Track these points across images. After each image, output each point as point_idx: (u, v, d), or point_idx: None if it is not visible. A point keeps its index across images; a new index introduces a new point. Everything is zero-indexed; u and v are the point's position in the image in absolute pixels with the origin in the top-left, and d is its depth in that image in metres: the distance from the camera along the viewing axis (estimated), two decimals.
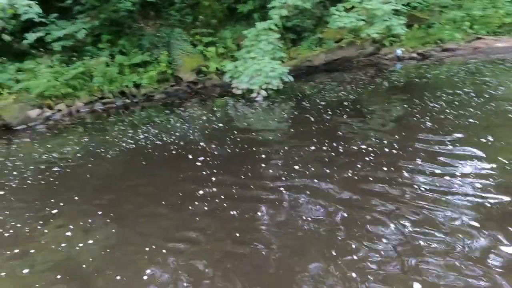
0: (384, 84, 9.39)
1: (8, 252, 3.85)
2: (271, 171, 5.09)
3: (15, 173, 6.10)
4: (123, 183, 5.39)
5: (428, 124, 6.03)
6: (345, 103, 7.92)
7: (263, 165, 5.29)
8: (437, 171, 4.42)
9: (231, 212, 4.11)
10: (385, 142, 5.49)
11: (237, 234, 3.73)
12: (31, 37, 9.68)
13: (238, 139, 6.51)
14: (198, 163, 5.58)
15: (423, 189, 4.09)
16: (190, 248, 3.59)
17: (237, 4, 12.26)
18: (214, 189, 4.64)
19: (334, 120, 6.92)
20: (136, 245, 3.74)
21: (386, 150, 5.21)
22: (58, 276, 3.39)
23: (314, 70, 11.45)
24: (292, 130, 7.00)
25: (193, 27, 11.97)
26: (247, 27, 10.68)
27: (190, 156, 5.89)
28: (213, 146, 6.27)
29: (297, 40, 12.14)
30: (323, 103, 8.18)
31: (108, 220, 4.30)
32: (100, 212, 4.47)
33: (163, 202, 4.51)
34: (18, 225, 4.41)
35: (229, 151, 6.01)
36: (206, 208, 4.25)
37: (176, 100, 10.39)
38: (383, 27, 9.57)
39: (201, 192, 4.62)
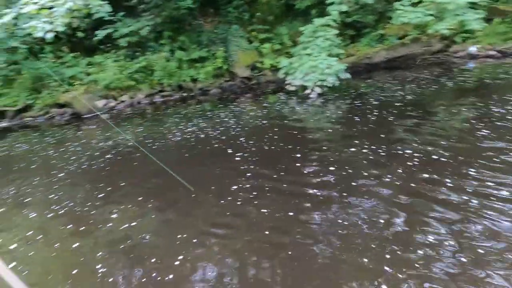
0: (449, 84, 8.53)
1: (62, 227, 4.25)
2: (315, 169, 4.90)
3: (74, 157, 6.70)
4: (166, 172, 5.58)
5: (490, 130, 5.35)
6: (403, 104, 7.34)
7: (308, 163, 5.12)
8: (499, 180, 3.96)
9: (265, 208, 4.05)
10: (443, 147, 4.96)
11: (272, 225, 3.72)
12: (101, 34, 10.46)
13: (285, 136, 6.40)
14: (237, 158, 5.61)
15: (482, 197, 3.67)
16: (231, 233, 3.69)
17: (295, 0, 12.06)
18: (248, 184, 4.65)
19: (390, 121, 6.44)
20: (182, 228, 3.88)
21: (441, 156, 4.73)
22: (112, 251, 3.64)
23: (373, 67, 10.84)
24: (343, 129, 6.66)
25: (250, 23, 12.03)
26: (304, 23, 10.44)
27: (230, 151, 5.94)
28: (253, 142, 6.24)
29: (357, 36, 11.61)
30: (379, 102, 7.69)
31: (154, 204, 4.50)
32: (145, 197, 4.68)
33: (202, 191, 4.62)
34: (71, 204, 4.82)
35: (272, 147, 5.93)
36: (240, 200, 4.28)
37: (230, 95, 10.53)
38: (455, 23, 8.71)
39: (234, 186, 4.63)
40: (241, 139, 6.47)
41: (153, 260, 3.39)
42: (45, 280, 3.37)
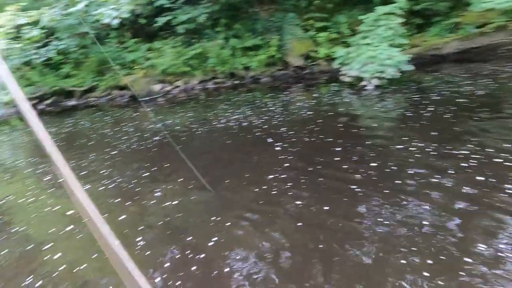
0: None
1: (110, 200, 4.53)
2: (356, 164, 4.52)
3: (126, 137, 7.09)
4: (206, 157, 5.65)
5: None
6: (470, 101, 6.43)
7: (349, 156, 4.77)
8: None
9: (299, 200, 3.88)
10: (509, 151, 4.21)
11: (306, 218, 3.55)
12: (161, 20, 10.85)
13: (330, 128, 6.06)
14: (276, 148, 5.44)
15: None
16: (265, 221, 3.59)
17: None
18: (284, 175, 4.50)
19: (449, 118, 5.66)
20: (218, 211, 3.90)
21: (505, 159, 4.02)
22: (152, 226, 3.79)
23: (441, 59, 9.77)
24: (394, 124, 6.09)
25: (307, 11, 11.58)
26: (365, 11, 9.76)
27: (270, 140, 5.80)
28: (295, 132, 6.00)
29: (424, 25, 10.54)
30: (442, 98, 6.84)
31: (194, 186, 4.54)
32: (187, 179, 4.72)
33: (239, 178, 4.60)
34: (120, 180, 5.10)
35: (313, 139, 5.64)
36: (275, 190, 4.16)
37: (281, 84, 10.30)
38: None
39: (270, 176, 4.50)
40: (283, 129, 6.27)
41: (188, 239, 3.43)
42: (88, 247, 3.56)
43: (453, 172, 3.95)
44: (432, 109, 6.21)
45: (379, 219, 3.33)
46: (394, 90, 8.11)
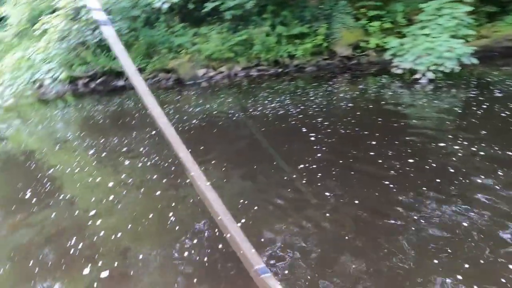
0: None
1: (148, 177, 4.64)
2: (391, 160, 4.17)
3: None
4: (238, 142, 5.65)
5: None
6: None
7: (386, 151, 4.41)
8: None
9: (328, 192, 3.69)
10: None
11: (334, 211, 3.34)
12: (209, 6, 10.82)
13: (368, 121, 5.70)
14: (311, 138, 5.22)
15: None
16: (291, 207, 3.51)
17: None
18: (314, 165, 4.31)
19: (507, 118, 5.02)
20: (244, 193, 3.88)
21: None
22: (184, 204, 3.85)
23: None
24: (447, 121, 5.49)
25: None
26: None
27: (304, 130, 5.60)
28: (331, 123, 5.72)
29: (497, 14, 9.45)
30: (506, 95, 6.11)
31: (227, 168, 4.58)
32: (219, 161, 4.79)
33: (268, 166, 4.48)
34: (157, 158, 5.22)
35: (348, 131, 5.34)
36: (305, 179, 4.01)
37: (326, 74, 9.86)
38: None
39: (301, 165, 4.32)
40: (319, 119, 5.99)
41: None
42: (126, 216, 3.72)
43: (501, 174, 3.49)
44: (494, 108, 5.54)
45: (414, 217, 3.05)
46: (451, 85, 7.40)
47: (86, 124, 8.11)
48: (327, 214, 3.28)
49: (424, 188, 3.48)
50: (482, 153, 4.06)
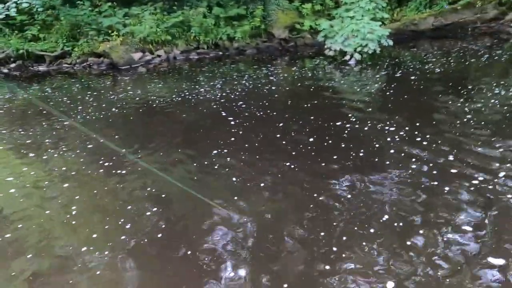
0: (501, 58, 8.00)
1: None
2: (297, 136, 4.72)
3: (95, 104, 6.87)
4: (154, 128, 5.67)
5: None
6: (446, 77, 6.88)
7: (292, 129, 4.92)
8: None
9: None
10: (483, 130, 4.35)
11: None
12: None
13: (290, 101, 6.25)
14: (232, 122, 5.43)
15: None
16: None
17: None
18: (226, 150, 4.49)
19: (428, 96, 5.91)
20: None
21: (481, 138, 4.16)
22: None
23: (419, 35, 10.32)
24: (377, 102, 6.14)
25: None
26: None
27: (224, 114, 5.83)
28: (250, 106, 6.07)
29: (404, 0, 10.95)
30: (420, 74, 7.27)
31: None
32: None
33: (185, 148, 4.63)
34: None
35: (268, 112, 5.76)
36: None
37: (265, 56, 10.30)
38: None
39: (214, 151, 4.46)
40: (240, 103, 6.32)
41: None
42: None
43: (449, 155, 4.02)
44: (411, 86, 6.52)
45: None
46: (374, 66, 8.43)
47: (5, 113, 7.09)
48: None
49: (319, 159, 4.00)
50: (416, 136, 4.42)
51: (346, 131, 4.77)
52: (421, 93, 6.12)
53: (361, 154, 4.06)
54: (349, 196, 3.29)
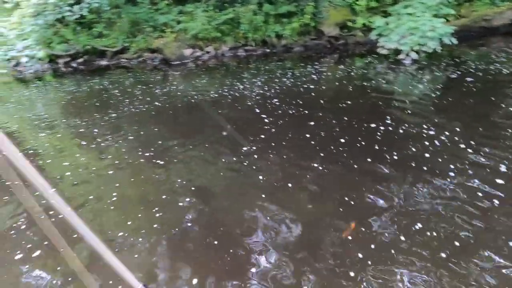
0: None
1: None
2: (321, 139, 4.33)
3: (149, 98, 7.13)
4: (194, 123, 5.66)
5: None
6: None
7: (316, 132, 4.55)
8: None
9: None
10: None
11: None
12: None
13: (327, 104, 5.85)
14: (265, 120, 5.34)
15: None
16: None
17: None
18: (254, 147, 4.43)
19: (494, 100, 5.22)
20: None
21: None
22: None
23: (491, 32, 9.13)
24: (434, 103, 5.60)
25: None
26: None
27: (257, 110, 5.78)
28: (285, 105, 5.89)
29: None
30: (487, 76, 6.40)
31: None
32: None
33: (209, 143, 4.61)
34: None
35: (297, 112, 5.52)
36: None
37: (313, 54, 9.97)
38: None
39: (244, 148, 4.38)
40: (275, 100, 6.21)
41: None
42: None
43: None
44: (475, 89, 5.82)
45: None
46: (433, 65, 7.67)
47: (67, 104, 7.82)
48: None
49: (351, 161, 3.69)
50: (480, 142, 4.04)
51: (379, 133, 4.36)
52: (483, 95, 5.42)
53: (395, 157, 3.67)
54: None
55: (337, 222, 2.84)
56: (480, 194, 2.99)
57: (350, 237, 2.58)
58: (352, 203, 3.06)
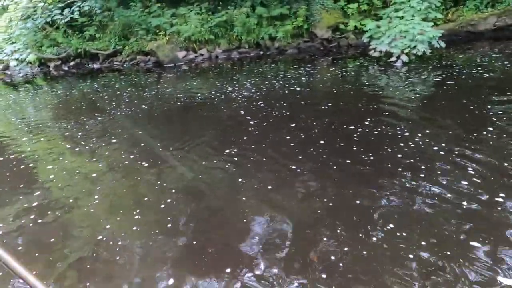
0: None
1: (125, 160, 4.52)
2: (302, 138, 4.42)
3: (141, 100, 7.20)
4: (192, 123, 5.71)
5: None
6: (506, 84, 6.12)
7: (296, 134, 4.64)
8: None
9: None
10: None
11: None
12: None
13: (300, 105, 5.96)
14: (250, 122, 5.41)
15: None
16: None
17: None
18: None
19: (483, 103, 5.32)
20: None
21: None
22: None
23: (476, 37, 9.47)
24: (424, 105, 5.74)
25: None
26: None
27: (242, 112, 5.85)
28: (270, 107, 5.97)
29: None
30: (474, 79, 6.59)
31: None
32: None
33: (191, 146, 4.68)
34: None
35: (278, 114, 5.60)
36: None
37: (306, 56, 10.13)
38: None
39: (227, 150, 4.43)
40: (260, 102, 6.29)
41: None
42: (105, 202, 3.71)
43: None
44: (464, 92, 5.96)
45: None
46: (423, 68, 7.86)
47: (55, 108, 7.72)
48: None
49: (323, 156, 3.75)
50: (471, 142, 4.14)
51: (356, 135, 4.56)
52: (472, 98, 5.61)
53: (367, 159, 3.86)
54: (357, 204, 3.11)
55: (321, 222, 2.95)
56: (452, 194, 3.16)
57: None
58: (332, 203, 3.18)
